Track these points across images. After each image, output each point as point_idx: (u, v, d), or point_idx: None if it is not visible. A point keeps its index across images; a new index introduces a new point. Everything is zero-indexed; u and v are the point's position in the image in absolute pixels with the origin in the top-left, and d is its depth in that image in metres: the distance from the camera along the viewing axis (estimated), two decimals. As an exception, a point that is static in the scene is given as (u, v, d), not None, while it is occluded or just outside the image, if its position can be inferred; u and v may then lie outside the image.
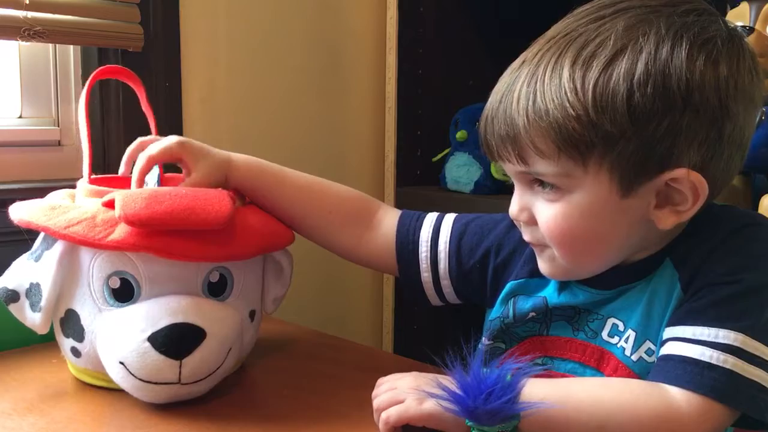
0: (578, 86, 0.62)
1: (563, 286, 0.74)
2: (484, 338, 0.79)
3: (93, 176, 0.84)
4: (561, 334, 0.74)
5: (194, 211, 0.73)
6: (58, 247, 0.76)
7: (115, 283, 0.75)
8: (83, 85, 1.15)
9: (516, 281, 0.78)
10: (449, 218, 0.85)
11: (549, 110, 0.63)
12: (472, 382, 0.59)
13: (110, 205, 0.74)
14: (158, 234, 0.72)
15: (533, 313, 0.75)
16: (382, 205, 0.89)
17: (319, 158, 1.38)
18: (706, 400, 0.62)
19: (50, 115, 1.16)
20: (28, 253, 0.80)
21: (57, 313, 0.78)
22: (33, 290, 0.77)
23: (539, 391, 0.61)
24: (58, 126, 1.16)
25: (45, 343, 0.86)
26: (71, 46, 1.15)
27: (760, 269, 0.65)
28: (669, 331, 0.66)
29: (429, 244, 0.83)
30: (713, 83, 0.63)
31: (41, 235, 0.79)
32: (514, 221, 0.73)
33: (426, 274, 0.84)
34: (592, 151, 0.63)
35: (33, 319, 0.77)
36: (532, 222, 0.70)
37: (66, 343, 0.79)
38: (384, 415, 0.65)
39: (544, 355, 0.75)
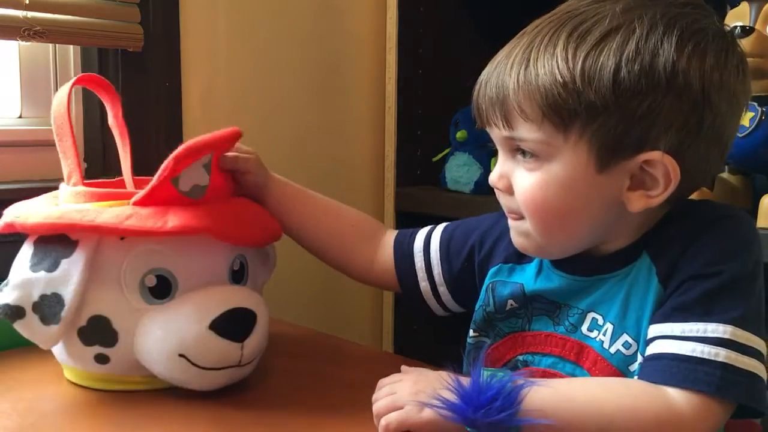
0: (569, 56, 0.65)
1: (539, 272, 0.76)
2: (470, 330, 0.81)
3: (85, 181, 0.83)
4: (542, 329, 0.75)
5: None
6: (81, 253, 0.73)
7: (152, 281, 0.75)
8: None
9: (494, 267, 0.80)
10: (440, 227, 0.88)
11: (539, 75, 0.66)
12: (472, 392, 0.60)
13: (141, 203, 0.74)
14: (213, 217, 0.75)
15: (512, 301, 0.76)
16: (388, 228, 0.92)
17: (319, 158, 1.38)
18: (703, 396, 0.62)
19: (50, 115, 1.15)
20: (27, 266, 0.75)
21: (75, 323, 0.75)
22: (46, 302, 0.73)
23: (539, 398, 0.62)
24: (58, 126, 1.15)
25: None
26: (71, 46, 1.15)
27: (739, 259, 0.66)
28: (656, 329, 0.66)
29: (422, 254, 0.86)
30: (698, 70, 0.65)
31: (33, 246, 0.76)
32: (493, 188, 0.74)
33: (424, 284, 0.86)
34: (575, 120, 0.65)
35: (47, 332, 0.74)
36: (509, 191, 0.71)
37: (88, 352, 0.76)
38: (384, 421, 0.65)
39: (525, 352, 0.76)
